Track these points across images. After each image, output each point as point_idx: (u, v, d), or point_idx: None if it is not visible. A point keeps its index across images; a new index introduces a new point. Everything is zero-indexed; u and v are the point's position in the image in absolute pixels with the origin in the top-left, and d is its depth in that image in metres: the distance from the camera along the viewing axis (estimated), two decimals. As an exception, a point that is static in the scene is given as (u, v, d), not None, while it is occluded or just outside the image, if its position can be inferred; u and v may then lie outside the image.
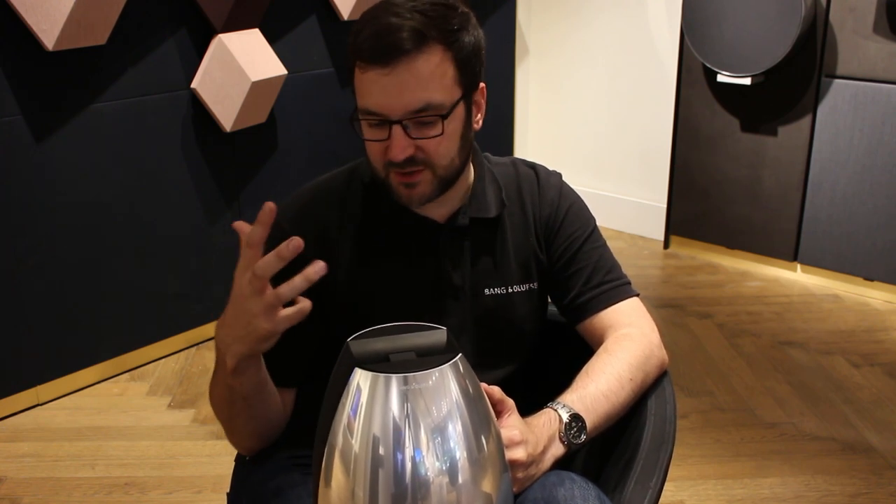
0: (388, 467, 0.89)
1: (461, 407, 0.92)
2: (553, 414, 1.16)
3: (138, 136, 2.70)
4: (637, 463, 1.15)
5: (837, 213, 3.30)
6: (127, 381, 2.76)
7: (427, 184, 1.20)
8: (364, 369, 0.92)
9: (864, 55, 3.12)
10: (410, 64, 1.13)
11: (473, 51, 1.20)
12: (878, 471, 2.26)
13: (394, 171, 1.19)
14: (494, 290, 1.31)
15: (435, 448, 0.90)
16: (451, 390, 0.92)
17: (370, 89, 1.15)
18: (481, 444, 0.93)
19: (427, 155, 1.17)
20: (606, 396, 1.20)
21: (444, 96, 1.16)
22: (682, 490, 2.19)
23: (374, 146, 1.19)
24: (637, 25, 3.81)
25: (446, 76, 1.16)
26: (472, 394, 0.94)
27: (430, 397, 0.90)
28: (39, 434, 2.47)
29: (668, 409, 1.25)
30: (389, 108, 1.14)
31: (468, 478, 0.91)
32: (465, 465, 0.91)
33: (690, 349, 2.93)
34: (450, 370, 0.92)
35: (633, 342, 1.28)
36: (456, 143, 1.21)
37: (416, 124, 1.16)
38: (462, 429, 0.91)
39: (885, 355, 2.88)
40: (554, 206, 1.35)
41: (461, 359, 0.94)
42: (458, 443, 0.91)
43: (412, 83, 1.13)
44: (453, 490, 0.90)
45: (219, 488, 2.19)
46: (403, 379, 0.90)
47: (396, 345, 0.96)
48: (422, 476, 0.89)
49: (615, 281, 1.35)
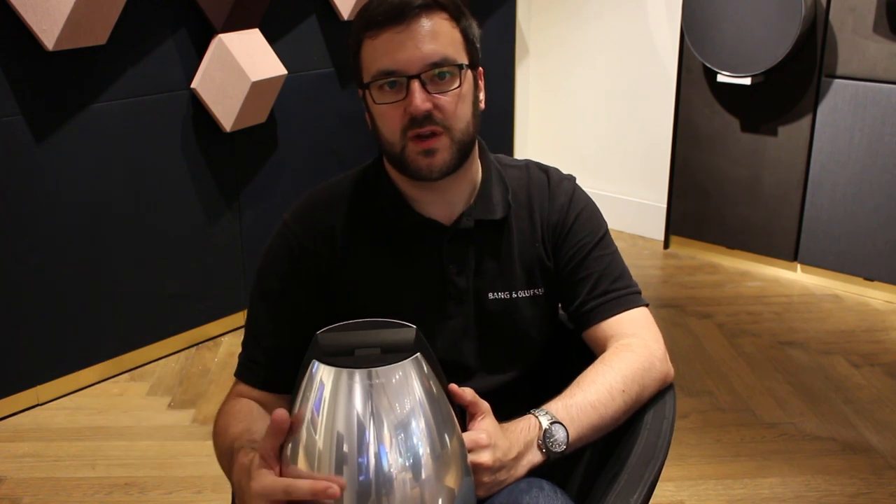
0: (352, 464, 0.89)
1: (424, 405, 0.92)
2: (533, 420, 1.13)
3: (138, 136, 2.70)
4: (622, 477, 1.11)
5: (837, 213, 3.30)
6: (127, 381, 2.76)
7: (446, 150, 1.19)
8: (326, 364, 0.92)
9: (864, 55, 3.12)
10: (424, 20, 1.16)
11: (474, 33, 1.24)
12: (878, 471, 2.26)
13: (411, 140, 1.18)
14: (498, 295, 1.30)
15: (398, 444, 0.90)
16: (413, 388, 0.92)
17: (385, 49, 1.16)
18: (444, 441, 0.94)
19: (445, 115, 1.18)
20: (594, 407, 1.17)
21: (457, 54, 1.19)
22: (682, 490, 2.19)
23: (389, 112, 1.18)
24: (637, 25, 3.81)
25: (456, 40, 1.19)
26: (436, 393, 0.95)
27: (393, 394, 0.91)
28: (39, 434, 2.47)
29: (665, 425, 1.20)
30: (407, 63, 1.16)
31: (431, 473, 0.92)
32: (428, 461, 0.92)
33: (690, 349, 2.93)
34: (412, 367, 0.92)
35: (632, 353, 1.25)
36: (469, 107, 1.22)
37: (434, 79, 1.17)
38: (425, 425, 0.92)
39: (885, 355, 2.88)
40: (563, 211, 1.33)
41: (423, 357, 0.94)
42: (422, 439, 0.91)
43: (428, 37, 1.16)
44: (416, 485, 0.91)
45: (219, 488, 2.19)
46: (366, 374, 0.90)
47: (363, 339, 0.96)
48: (385, 472, 0.89)
49: (623, 290, 1.32)
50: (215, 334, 3.02)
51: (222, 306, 3.03)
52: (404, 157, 1.20)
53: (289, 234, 1.27)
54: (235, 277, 3.04)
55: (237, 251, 3.03)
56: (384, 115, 1.19)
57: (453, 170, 1.22)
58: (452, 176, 1.23)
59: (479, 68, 1.26)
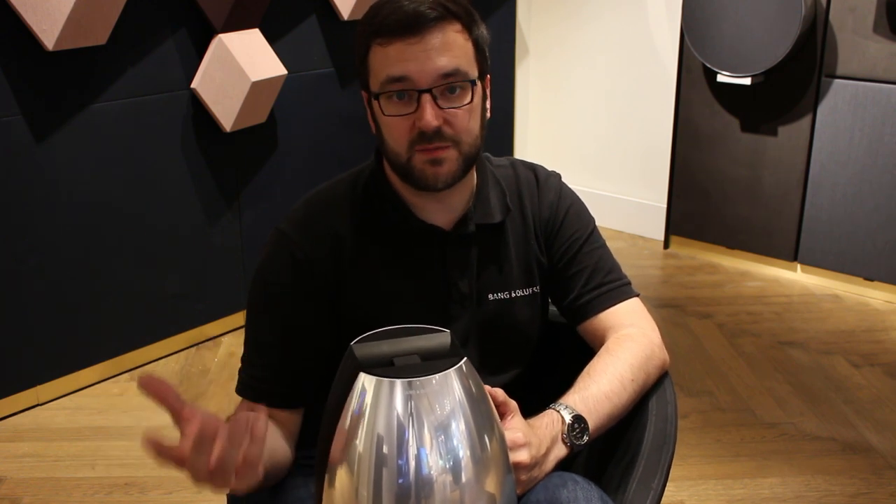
0: (391, 466, 0.88)
1: (464, 406, 0.92)
2: (556, 415, 1.16)
3: (138, 136, 2.70)
4: (639, 464, 1.15)
5: (837, 213, 3.30)
6: (127, 381, 2.76)
7: (453, 161, 1.18)
8: (369, 374, 0.91)
9: (864, 55, 3.12)
10: (437, 32, 1.14)
11: (484, 40, 1.22)
12: (878, 471, 2.26)
13: (418, 150, 1.16)
14: (498, 296, 1.31)
15: (438, 446, 0.89)
16: (454, 391, 0.91)
17: (397, 59, 1.14)
18: (485, 443, 0.93)
19: (455, 130, 1.16)
20: (608, 397, 1.20)
21: (469, 67, 1.17)
22: (682, 490, 2.19)
23: (397, 124, 1.16)
24: (637, 25, 3.81)
25: (468, 52, 1.18)
26: (476, 394, 0.94)
27: (434, 397, 0.90)
28: (39, 434, 2.47)
29: (670, 410, 1.24)
30: (419, 74, 1.13)
31: (471, 476, 0.91)
32: (468, 463, 0.91)
33: (690, 349, 2.93)
34: (454, 374, 0.92)
35: (634, 342, 1.28)
36: (479, 121, 1.21)
37: (445, 94, 1.15)
38: (465, 427, 0.91)
39: (885, 355, 2.88)
40: (553, 208, 1.34)
41: (466, 362, 0.94)
42: (462, 441, 0.91)
43: (441, 48, 1.14)
44: (457, 488, 0.90)
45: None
46: (408, 384, 0.89)
47: (400, 348, 0.96)
48: (425, 474, 0.88)
49: (615, 282, 1.35)
50: (215, 334, 3.02)
51: (222, 306, 3.03)
52: (410, 167, 1.18)
53: (290, 244, 1.22)
54: (235, 277, 3.04)
55: (237, 251, 3.03)
56: (392, 127, 1.17)
57: (458, 180, 1.21)
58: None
59: (488, 75, 1.25)
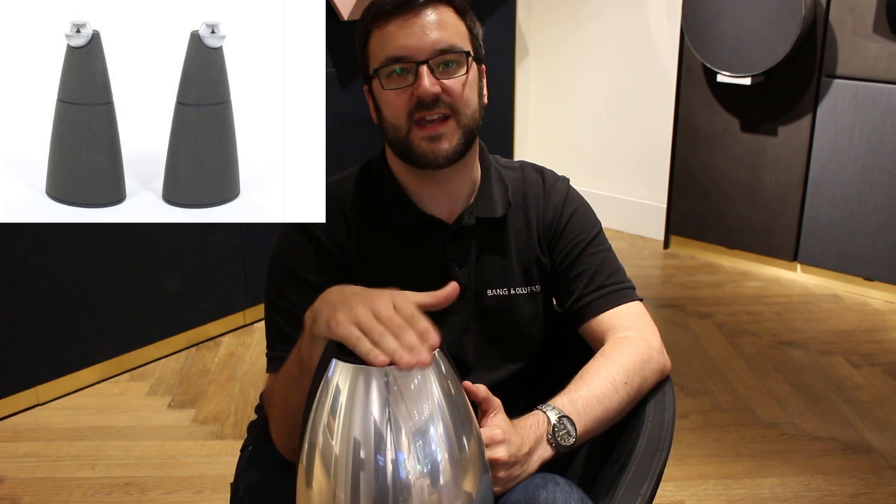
0: (368, 470, 0.88)
1: (443, 408, 0.91)
2: (542, 416, 1.15)
3: (138, 136, 2.69)
4: (629, 469, 1.13)
5: (837, 213, 3.30)
6: (127, 381, 2.76)
7: (452, 135, 1.21)
8: (343, 361, 0.90)
9: (864, 55, 3.12)
10: (431, 10, 1.20)
11: (478, 31, 1.27)
12: (878, 471, 2.26)
13: (417, 125, 1.20)
14: (497, 292, 1.32)
15: (416, 451, 0.89)
16: (433, 391, 0.91)
17: (395, 36, 1.19)
18: (462, 444, 0.92)
19: (453, 99, 1.20)
20: (599, 400, 1.19)
21: (463, 43, 1.22)
22: (682, 490, 2.19)
23: (396, 98, 1.20)
24: (637, 25, 3.81)
25: (462, 31, 1.23)
26: (454, 393, 0.94)
27: (412, 399, 0.89)
28: (39, 434, 2.47)
29: (667, 416, 1.22)
30: (416, 49, 1.18)
31: (449, 479, 0.90)
32: (446, 466, 0.90)
33: (690, 349, 2.93)
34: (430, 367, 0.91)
35: (631, 346, 1.27)
36: (476, 94, 1.24)
37: (442, 66, 1.20)
38: (444, 430, 0.91)
39: (885, 355, 2.88)
40: (558, 210, 1.35)
41: (441, 355, 0.93)
42: (440, 445, 0.90)
43: (436, 25, 1.19)
44: (434, 491, 0.89)
45: (219, 488, 2.19)
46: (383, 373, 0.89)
47: None
48: (403, 479, 0.88)
49: (617, 285, 1.35)
50: (215, 334, 3.02)
51: (222, 306, 3.03)
52: (409, 142, 1.21)
53: (309, 226, 1.27)
54: (235, 277, 3.04)
55: (237, 251, 3.03)
56: (391, 101, 1.21)
57: (458, 157, 1.23)
58: (454, 168, 1.25)
59: (483, 66, 1.28)
